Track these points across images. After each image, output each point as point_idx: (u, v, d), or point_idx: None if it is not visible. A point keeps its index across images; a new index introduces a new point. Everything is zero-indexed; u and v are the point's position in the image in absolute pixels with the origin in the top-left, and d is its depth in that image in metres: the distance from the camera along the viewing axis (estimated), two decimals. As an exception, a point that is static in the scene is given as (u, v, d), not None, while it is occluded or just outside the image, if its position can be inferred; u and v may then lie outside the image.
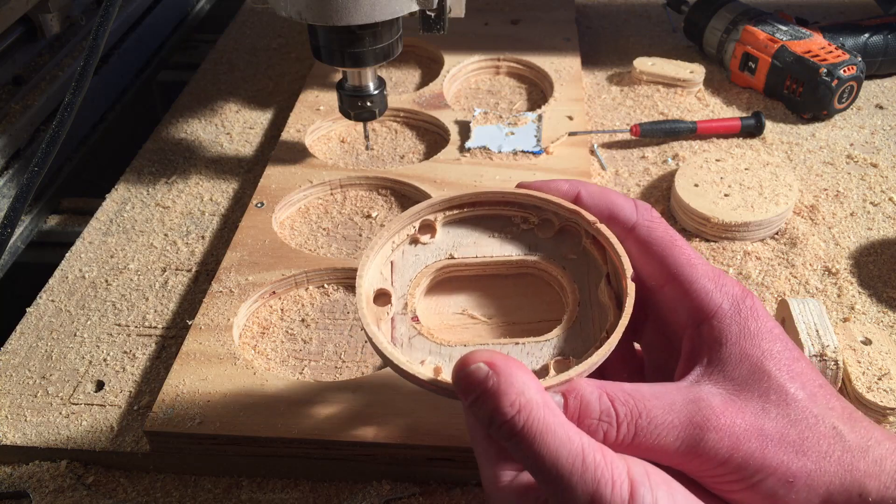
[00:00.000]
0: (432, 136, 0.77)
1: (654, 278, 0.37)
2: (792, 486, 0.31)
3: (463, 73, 0.85)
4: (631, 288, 0.36)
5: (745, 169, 0.69)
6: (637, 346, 0.41)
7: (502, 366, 0.31)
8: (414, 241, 0.41)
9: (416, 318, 0.38)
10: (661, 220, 0.38)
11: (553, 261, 0.39)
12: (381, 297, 0.38)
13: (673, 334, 0.37)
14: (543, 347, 0.36)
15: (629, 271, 0.36)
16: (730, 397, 0.32)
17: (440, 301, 0.40)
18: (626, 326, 0.35)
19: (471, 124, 0.75)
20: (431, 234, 0.41)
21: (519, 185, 0.40)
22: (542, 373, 0.35)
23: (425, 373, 0.34)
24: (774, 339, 0.34)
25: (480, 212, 0.41)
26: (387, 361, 0.35)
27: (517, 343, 0.37)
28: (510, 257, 0.40)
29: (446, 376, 0.34)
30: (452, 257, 0.40)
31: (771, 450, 0.31)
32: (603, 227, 0.38)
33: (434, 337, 0.37)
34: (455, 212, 0.41)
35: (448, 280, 0.40)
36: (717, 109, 0.82)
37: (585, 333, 0.37)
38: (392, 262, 0.40)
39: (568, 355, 0.36)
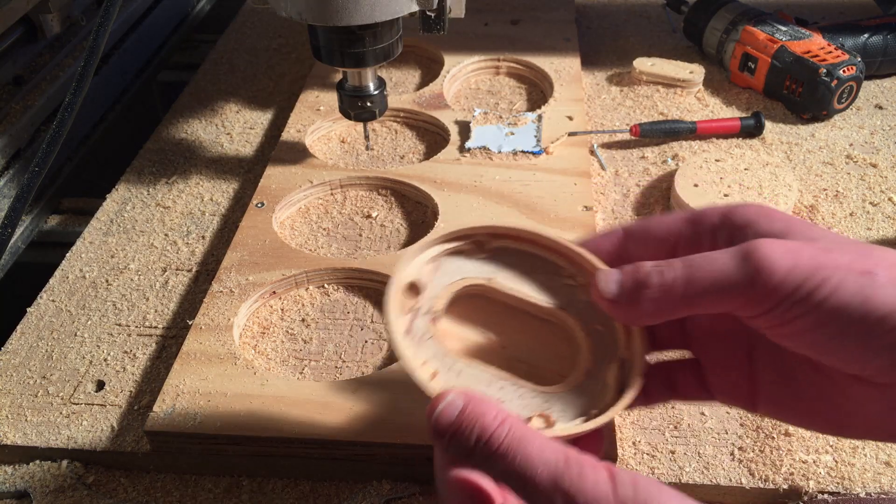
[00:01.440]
0: (432, 137, 0.78)
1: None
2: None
3: (463, 73, 0.85)
4: (636, 384, 0.36)
5: (745, 169, 0.69)
6: (684, 353, 0.40)
7: (474, 394, 0.33)
8: (463, 252, 0.41)
9: (435, 321, 0.38)
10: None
11: (580, 323, 0.39)
12: (412, 290, 0.39)
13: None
14: (537, 398, 0.37)
15: (642, 367, 0.36)
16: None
17: (464, 315, 0.40)
18: (615, 414, 0.35)
19: (471, 124, 0.75)
20: (482, 253, 0.41)
21: (582, 244, 0.39)
22: (526, 421, 0.35)
23: (422, 375, 0.35)
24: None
25: (535, 250, 0.41)
26: (394, 348, 0.36)
27: (515, 383, 0.37)
28: (542, 304, 0.40)
29: (438, 382, 0.36)
30: (491, 280, 0.40)
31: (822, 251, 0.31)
32: None
33: (445, 344, 0.38)
34: (511, 242, 0.41)
35: (479, 299, 0.41)
36: (716, 109, 0.82)
37: (581, 402, 0.37)
38: (436, 264, 0.40)
39: (557, 415, 0.36)
